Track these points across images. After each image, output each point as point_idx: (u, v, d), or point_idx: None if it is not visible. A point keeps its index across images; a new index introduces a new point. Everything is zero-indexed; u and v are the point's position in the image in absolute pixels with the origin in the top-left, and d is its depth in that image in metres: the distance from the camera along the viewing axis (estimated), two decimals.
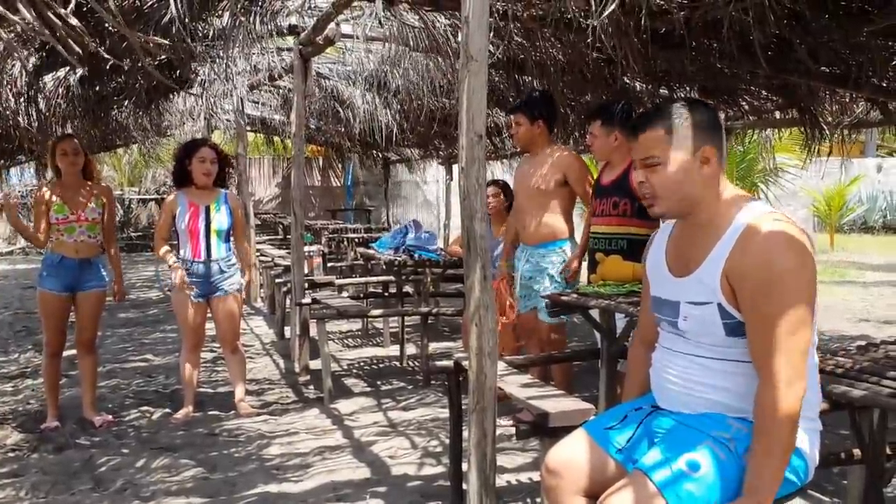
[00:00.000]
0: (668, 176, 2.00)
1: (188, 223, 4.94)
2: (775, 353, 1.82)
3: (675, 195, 2.01)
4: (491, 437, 2.75)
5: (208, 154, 5.00)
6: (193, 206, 4.96)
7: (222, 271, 5.03)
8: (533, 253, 4.48)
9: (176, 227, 5.00)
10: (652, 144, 2.01)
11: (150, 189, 20.62)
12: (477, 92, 2.73)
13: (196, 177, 4.97)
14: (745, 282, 1.87)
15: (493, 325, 2.72)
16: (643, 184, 2.04)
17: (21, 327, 8.68)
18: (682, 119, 2.00)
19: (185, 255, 4.98)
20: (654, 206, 2.05)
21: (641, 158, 2.04)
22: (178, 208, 4.97)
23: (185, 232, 4.96)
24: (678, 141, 1.99)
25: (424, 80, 6.77)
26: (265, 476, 3.92)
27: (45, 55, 5.16)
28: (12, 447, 4.47)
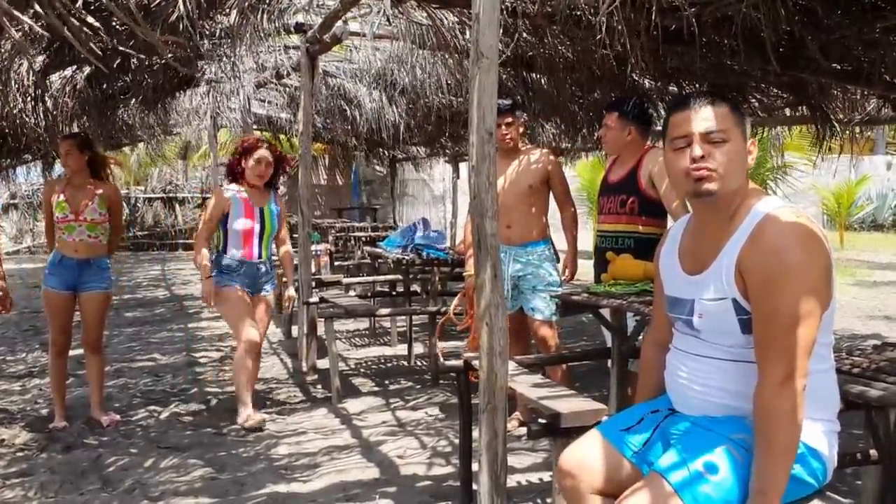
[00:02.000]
0: (733, 155, 1.93)
1: (244, 224, 4.83)
2: (774, 349, 1.79)
3: (734, 177, 1.94)
4: (502, 437, 2.72)
5: (265, 156, 4.89)
6: (248, 206, 4.86)
7: (267, 272, 4.98)
8: (520, 252, 4.44)
9: (227, 226, 4.84)
10: (720, 118, 1.94)
11: (157, 188, 20.63)
12: (487, 89, 2.70)
13: (249, 177, 4.87)
14: (753, 273, 1.84)
15: (504, 324, 2.70)
16: (704, 158, 1.92)
17: (28, 326, 8.69)
18: (734, 104, 1.98)
19: (234, 255, 4.83)
20: (709, 181, 1.93)
21: (706, 132, 1.93)
22: (233, 208, 4.83)
23: (240, 233, 4.83)
24: (740, 122, 1.96)
25: (432, 78, 6.74)
26: (274, 476, 3.91)
27: (52, 54, 5.14)
28: (21, 447, 4.46)
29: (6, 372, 6.45)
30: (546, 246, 4.50)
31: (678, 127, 1.99)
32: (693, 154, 1.94)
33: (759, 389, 1.80)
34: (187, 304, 10.32)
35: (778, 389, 1.76)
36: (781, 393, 1.75)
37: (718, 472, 1.81)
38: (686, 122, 1.97)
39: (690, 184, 1.96)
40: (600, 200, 4.14)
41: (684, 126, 1.97)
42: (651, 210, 3.87)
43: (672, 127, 2.02)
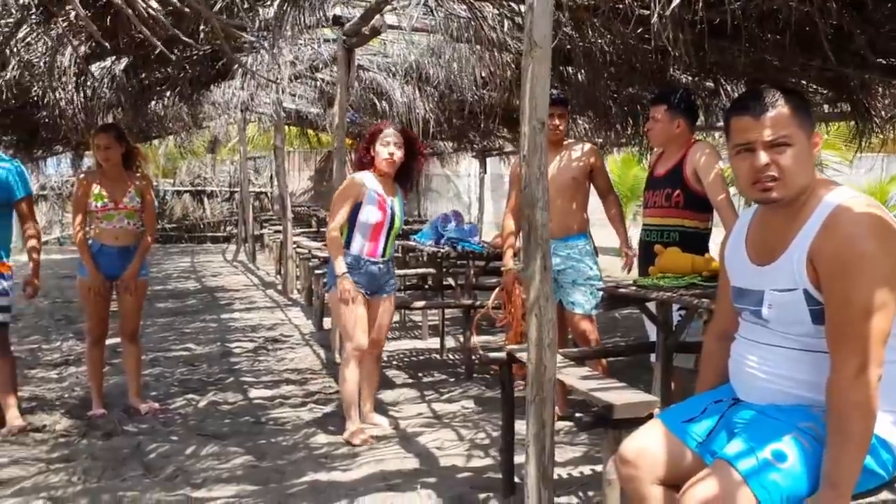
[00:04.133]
0: (797, 157, 1.91)
1: (376, 217, 4.37)
2: (847, 339, 1.77)
3: (800, 178, 1.92)
4: (550, 429, 2.72)
5: (393, 137, 4.41)
6: (381, 199, 4.39)
7: (388, 271, 4.56)
8: (560, 246, 4.40)
9: (357, 218, 4.37)
10: (782, 123, 1.92)
11: (185, 181, 20.79)
12: (540, 79, 2.69)
13: (378, 162, 4.40)
14: (826, 263, 1.83)
15: (553, 315, 2.70)
16: (768, 166, 1.92)
17: (61, 316, 8.79)
18: (797, 100, 1.95)
19: (358, 251, 4.38)
20: (775, 190, 1.93)
21: (769, 139, 1.92)
22: (366, 198, 4.36)
23: (370, 227, 4.37)
24: (801, 122, 1.94)
25: (465, 72, 6.73)
26: (314, 464, 3.93)
27: (95, 43, 5.19)
28: (62, 433, 4.51)
29: (42, 360, 6.53)
30: (586, 240, 4.49)
31: (740, 133, 1.98)
32: (757, 164, 1.93)
33: (833, 380, 1.78)
34: (218, 295, 10.40)
35: (852, 381, 1.74)
36: (855, 384, 1.74)
37: (787, 461, 1.80)
38: (748, 130, 1.95)
39: (756, 193, 1.97)
40: (646, 194, 4.11)
41: (746, 133, 1.95)
42: (696, 204, 3.85)
43: (734, 132, 2.00)
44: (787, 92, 1.97)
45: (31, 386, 5.59)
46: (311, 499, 3.48)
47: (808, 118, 1.96)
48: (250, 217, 15.46)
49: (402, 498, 3.47)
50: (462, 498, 3.46)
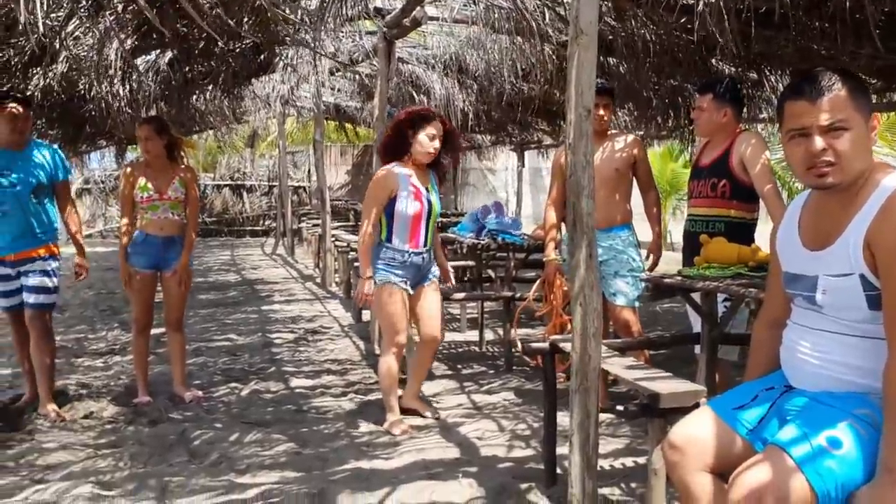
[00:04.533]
0: (854, 141, 1.88)
1: (414, 208, 4.28)
2: None
3: (857, 163, 1.89)
4: (594, 419, 2.71)
5: (438, 131, 4.31)
6: (416, 188, 4.31)
7: (430, 260, 4.50)
8: (603, 237, 4.33)
9: (393, 210, 4.27)
10: (839, 107, 1.88)
11: (225, 175, 21.03)
12: (586, 66, 2.69)
13: (418, 155, 4.30)
14: (884, 247, 1.80)
15: (598, 305, 2.68)
16: (824, 151, 1.89)
17: (105, 307, 8.96)
18: (854, 82, 1.91)
19: (398, 244, 4.29)
20: (831, 176, 1.90)
21: (825, 124, 1.89)
22: (401, 188, 4.26)
23: (410, 219, 4.28)
24: (858, 105, 1.90)
25: (505, 64, 6.71)
26: (356, 453, 3.96)
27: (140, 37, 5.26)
28: (109, 420, 4.60)
29: (88, 349, 6.66)
30: (629, 231, 4.46)
31: (795, 118, 1.94)
32: (812, 149, 1.90)
33: (890, 366, 1.75)
34: (258, 287, 10.52)
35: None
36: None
37: (842, 447, 1.77)
38: (803, 115, 1.91)
39: (811, 178, 1.94)
40: (691, 184, 4.07)
41: (801, 118, 1.92)
42: (742, 194, 3.80)
43: (788, 117, 1.96)
44: (844, 74, 1.93)
45: (78, 374, 5.71)
46: (353, 486, 3.50)
47: (866, 101, 1.92)
48: (289, 211, 15.59)
49: (443, 487, 3.47)
50: (504, 488, 3.46)
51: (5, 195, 4.55)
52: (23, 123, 4.60)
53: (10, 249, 4.59)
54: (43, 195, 4.70)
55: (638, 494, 3.38)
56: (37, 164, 4.65)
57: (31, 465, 3.87)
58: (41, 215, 4.68)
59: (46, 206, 4.74)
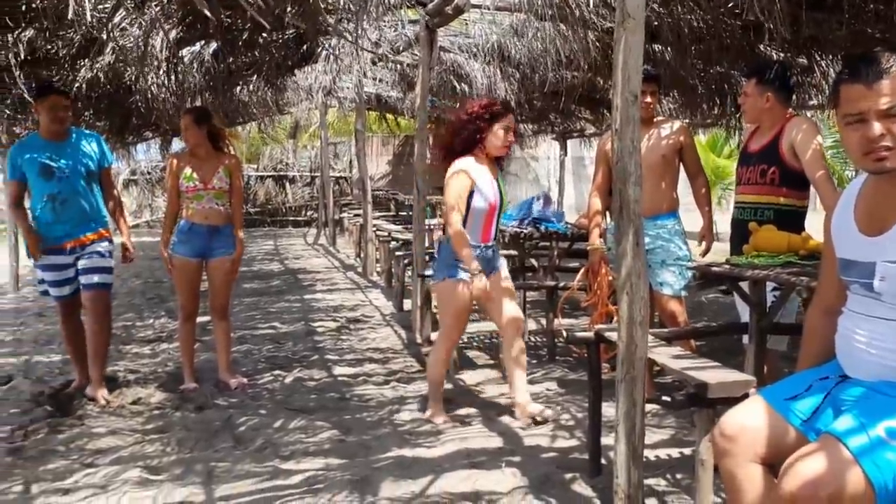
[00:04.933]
0: None
1: (489, 201, 4.18)
2: None
3: None
4: (640, 408, 2.68)
5: (512, 123, 4.22)
6: (489, 182, 4.21)
7: (497, 251, 4.42)
8: (649, 225, 4.25)
9: (470, 206, 4.14)
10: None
11: (268, 166, 21.23)
12: (633, 50, 2.65)
13: (494, 148, 4.19)
14: None
15: (645, 293, 2.64)
16: (883, 136, 1.83)
17: (153, 295, 9.11)
18: None
19: (472, 239, 4.16)
20: (889, 160, 1.84)
21: (884, 108, 1.83)
22: (477, 182, 4.14)
23: (485, 213, 4.19)
24: None
25: (549, 52, 6.64)
26: (399, 440, 3.97)
27: (185, 28, 5.32)
28: (157, 405, 4.68)
29: (136, 337, 6.78)
30: (676, 219, 4.39)
31: (851, 103, 1.88)
32: (870, 135, 1.84)
33: None
34: (301, 277, 10.60)
35: None
36: None
37: None
38: (860, 99, 1.85)
39: (869, 163, 1.88)
40: (739, 171, 3.99)
41: (858, 103, 1.86)
42: (792, 181, 3.71)
43: (844, 102, 1.90)
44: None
45: (126, 361, 5.82)
46: (396, 474, 3.51)
47: None
48: (331, 201, 15.68)
49: (486, 476, 3.46)
50: (547, 477, 3.44)
51: (61, 185, 4.66)
52: (63, 113, 4.69)
53: (69, 236, 4.71)
54: (94, 181, 4.84)
55: (683, 486, 3.34)
56: (83, 151, 4.79)
57: (82, 450, 3.96)
58: (94, 201, 4.83)
59: (96, 192, 4.88)
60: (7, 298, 9.10)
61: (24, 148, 4.76)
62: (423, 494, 3.30)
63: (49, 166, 4.63)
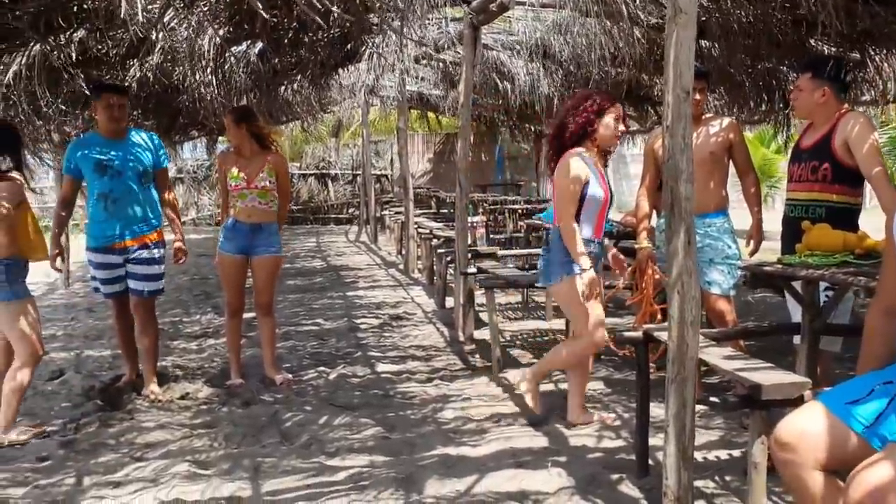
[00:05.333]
0: None
1: (602, 194, 4.02)
2: None
3: None
4: (691, 408, 2.64)
5: (620, 113, 4.09)
6: (601, 174, 4.06)
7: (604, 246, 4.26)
8: (697, 224, 4.15)
9: (584, 200, 3.97)
10: None
11: (310, 165, 21.39)
12: (685, 46, 2.60)
13: (605, 140, 4.04)
14: None
15: (696, 292, 2.60)
16: None
17: (199, 291, 9.23)
18: None
19: (587, 234, 4.00)
20: None
21: None
22: (591, 177, 3.97)
23: (599, 206, 4.03)
24: None
25: (593, 48, 6.59)
26: (443, 439, 3.96)
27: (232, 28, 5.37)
28: (204, 401, 4.74)
29: (183, 332, 6.88)
30: (725, 217, 4.31)
31: None
32: None
33: None
34: (343, 274, 10.67)
35: None
36: None
37: None
38: None
39: None
40: (791, 167, 3.90)
41: None
42: (846, 178, 3.62)
43: None
44: None
45: (174, 356, 5.90)
46: (441, 472, 3.50)
47: None
48: (372, 199, 15.75)
49: (532, 476, 3.44)
50: (594, 478, 3.40)
51: (113, 183, 4.72)
52: (119, 112, 4.75)
53: (120, 237, 4.76)
54: (148, 181, 4.86)
55: (732, 488, 3.28)
56: (139, 151, 4.82)
57: (131, 444, 4.03)
58: (148, 202, 4.85)
59: (151, 193, 4.90)
60: (58, 294, 9.30)
61: (81, 144, 4.85)
62: (469, 493, 3.29)
63: (103, 163, 4.70)
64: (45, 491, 3.44)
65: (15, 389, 4.08)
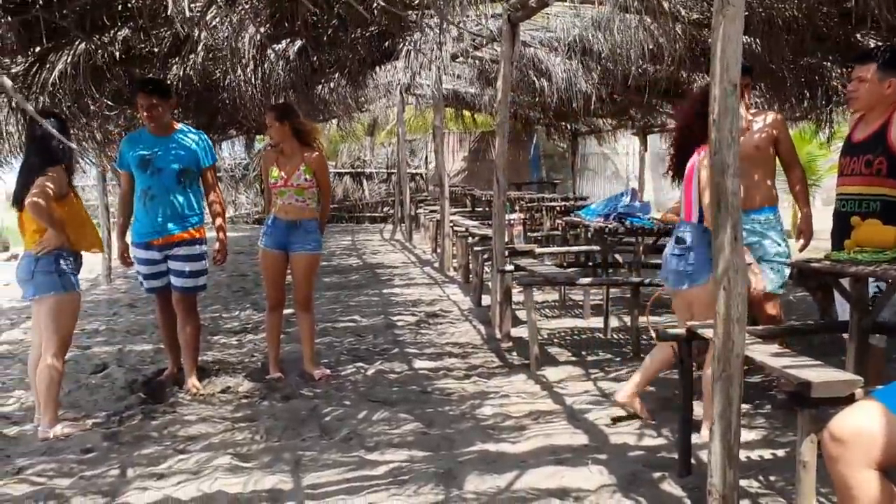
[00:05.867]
0: None
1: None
2: None
3: None
4: (736, 407, 2.60)
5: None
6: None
7: None
8: (743, 220, 4.07)
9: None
10: None
11: (346, 163, 21.50)
12: (732, 39, 2.57)
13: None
14: None
15: (743, 289, 2.56)
16: None
17: (238, 288, 9.33)
18: None
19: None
20: None
21: None
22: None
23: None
24: None
25: (633, 45, 6.52)
26: (482, 435, 3.95)
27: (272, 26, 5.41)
28: (245, 394, 4.79)
29: (223, 328, 6.96)
30: (771, 213, 4.23)
31: None
32: None
33: None
34: (379, 271, 10.70)
35: None
36: None
37: None
38: None
39: None
40: (842, 161, 3.82)
41: None
42: None
43: None
44: None
45: (214, 351, 5.98)
46: (481, 468, 3.50)
47: None
48: (407, 197, 15.79)
49: (572, 473, 3.41)
50: (635, 476, 3.37)
51: (152, 179, 4.77)
52: (151, 111, 4.76)
53: (157, 234, 4.81)
54: (189, 180, 4.88)
55: (777, 488, 3.24)
56: (182, 149, 4.84)
57: (174, 436, 4.08)
58: (188, 200, 4.88)
59: (193, 191, 4.92)
60: (100, 290, 9.46)
61: (130, 140, 4.94)
62: (509, 489, 3.28)
63: (146, 159, 4.77)
64: (90, 482, 3.50)
65: (51, 385, 4.12)
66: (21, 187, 4.11)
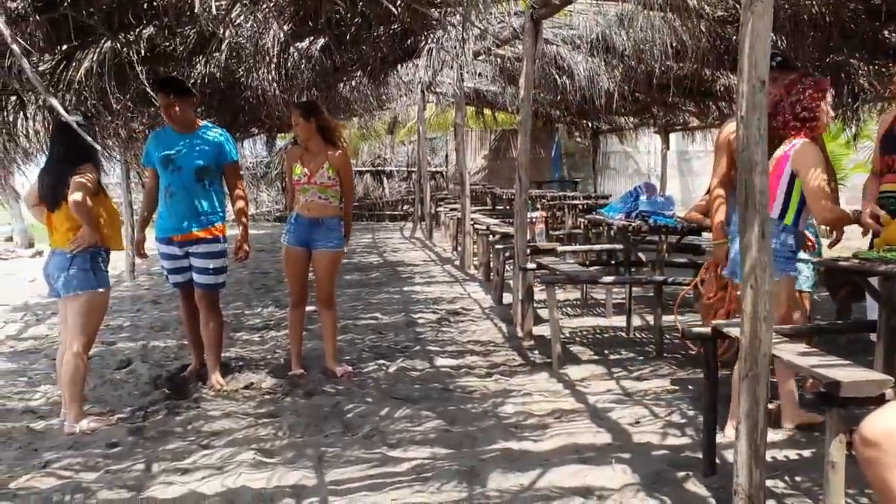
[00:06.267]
0: None
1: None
2: None
3: None
4: (763, 406, 2.58)
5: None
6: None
7: None
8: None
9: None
10: None
11: (366, 162, 21.54)
12: (761, 35, 2.56)
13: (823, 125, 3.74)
14: None
15: (770, 287, 2.54)
16: None
17: (259, 285, 9.37)
18: None
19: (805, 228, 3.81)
20: None
21: None
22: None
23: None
24: None
25: (656, 42, 6.48)
26: (504, 433, 3.95)
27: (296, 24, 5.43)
28: (268, 391, 4.81)
29: (246, 324, 6.99)
30: None
31: None
32: None
33: None
34: (399, 269, 10.71)
35: None
36: None
37: None
38: None
39: None
40: (884, 159, 3.75)
41: None
42: None
43: None
44: None
45: (237, 347, 6.01)
46: (503, 466, 3.49)
47: None
48: (427, 196, 15.80)
49: (596, 471, 3.40)
50: (659, 475, 3.35)
51: (172, 177, 4.80)
52: (169, 111, 4.78)
53: (176, 230, 4.84)
54: (210, 177, 4.90)
55: (803, 488, 3.21)
56: (203, 146, 4.86)
57: (198, 432, 4.11)
58: (207, 197, 4.89)
59: (214, 189, 4.94)
60: (124, 286, 9.53)
61: (155, 137, 4.99)
62: (532, 487, 3.27)
63: (168, 157, 4.80)
64: (116, 476, 3.53)
65: (76, 379, 4.15)
66: (53, 185, 4.15)
